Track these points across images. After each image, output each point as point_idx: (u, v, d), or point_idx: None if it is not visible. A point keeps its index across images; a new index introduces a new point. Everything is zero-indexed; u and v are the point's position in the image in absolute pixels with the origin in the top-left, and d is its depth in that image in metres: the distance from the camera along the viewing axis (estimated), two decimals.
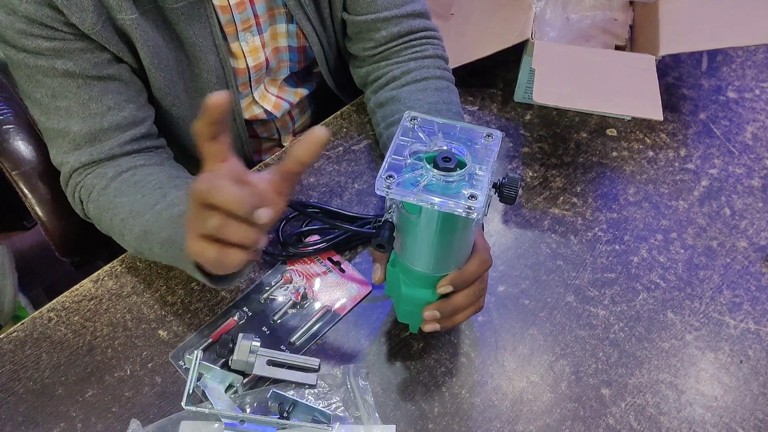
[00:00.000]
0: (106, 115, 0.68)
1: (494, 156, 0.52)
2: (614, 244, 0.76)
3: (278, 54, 0.83)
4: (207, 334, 0.68)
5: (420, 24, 0.81)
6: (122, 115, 0.69)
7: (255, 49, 0.79)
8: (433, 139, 0.53)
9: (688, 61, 0.96)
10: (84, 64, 0.66)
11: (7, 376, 0.66)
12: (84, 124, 0.68)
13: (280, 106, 0.88)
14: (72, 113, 0.68)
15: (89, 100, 0.67)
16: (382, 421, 0.62)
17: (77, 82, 0.67)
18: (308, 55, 0.85)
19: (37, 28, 0.63)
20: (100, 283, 0.72)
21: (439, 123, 0.54)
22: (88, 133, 0.68)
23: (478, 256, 0.60)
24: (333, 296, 0.71)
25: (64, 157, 0.70)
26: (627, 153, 0.85)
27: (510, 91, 0.91)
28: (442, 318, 0.60)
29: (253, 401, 0.63)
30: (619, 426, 0.63)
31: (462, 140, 0.53)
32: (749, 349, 0.68)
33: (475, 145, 0.53)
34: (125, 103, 0.70)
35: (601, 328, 0.70)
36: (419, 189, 0.50)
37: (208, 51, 0.73)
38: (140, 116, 0.72)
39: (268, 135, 0.94)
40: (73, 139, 0.68)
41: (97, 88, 0.68)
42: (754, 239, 0.77)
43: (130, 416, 0.63)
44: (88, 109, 0.68)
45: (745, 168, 0.84)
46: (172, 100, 0.75)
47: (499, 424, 0.63)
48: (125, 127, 0.70)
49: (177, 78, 0.74)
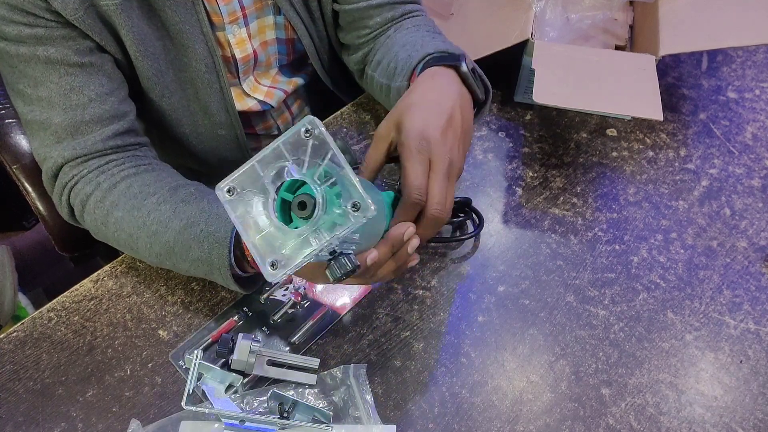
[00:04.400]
0: (88, 107, 0.68)
1: (348, 227, 0.43)
2: (614, 244, 0.76)
3: (267, 47, 0.83)
4: (207, 334, 0.68)
5: (411, 7, 0.82)
6: (104, 108, 0.69)
7: (242, 41, 0.79)
8: (312, 165, 0.44)
9: (688, 61, 0.96)
10: (65, 51, 0.66)
11: (7, 376, 0.66)
12: (65, 115, 0.67)
13: (273, 94, 0.88)
14: (53, 104, 0.67)
15: (71, 90, 0.67)
16: (382, 421, 0.62)
17: (59, 71, 0.66)
18: (297, 47, 0.85)
19: (18, 14, 0.63)
20: (100, 283, 0.72)
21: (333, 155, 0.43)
22: (70, 125, 0.67)
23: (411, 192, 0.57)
24: (333, 296, 0.71)
25: (46, 151, 0.69)
26: (627, 153, 0.85)
27: (510, 91, 0.91)
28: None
29: (253, 401, 0.63)
30: (619, 426, 0.63)
31: (337, 190, 0.44)
32: (749, 349, 0.68)
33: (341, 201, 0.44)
34: (107, 95, 0.69)
35: (601, 328, 0.70)
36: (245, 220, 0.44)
37: (195, 39, 0.73)
38: (122, 110, 0.71)
39: (267, 132, 0.94)
40: (55, 131, 0.68)
41: (79, 77, 0.67)
42: (754, 239, 0.77)
43: (130, 416, 0.63)
44: (70, 99, 0.67)
45: (745, 168, 0.84)
46: (162, 90, 0.75)
47: (499, 424, 0.63)
48: (107, 121, 0.69)
49: (165, 67, 0.74)
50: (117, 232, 0.67)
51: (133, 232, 0.66)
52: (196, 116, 0.80)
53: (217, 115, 0.80)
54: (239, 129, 0.84)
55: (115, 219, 0.67)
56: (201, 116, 0.80)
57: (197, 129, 0.82)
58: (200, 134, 0.82)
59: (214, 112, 0.80)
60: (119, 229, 0.67)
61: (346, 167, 0.43)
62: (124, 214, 0.66)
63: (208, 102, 0.79)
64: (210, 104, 0.79)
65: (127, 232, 0.66)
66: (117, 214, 0.67)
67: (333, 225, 0.43)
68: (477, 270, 0.74)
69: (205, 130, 0.82)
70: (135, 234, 0.66)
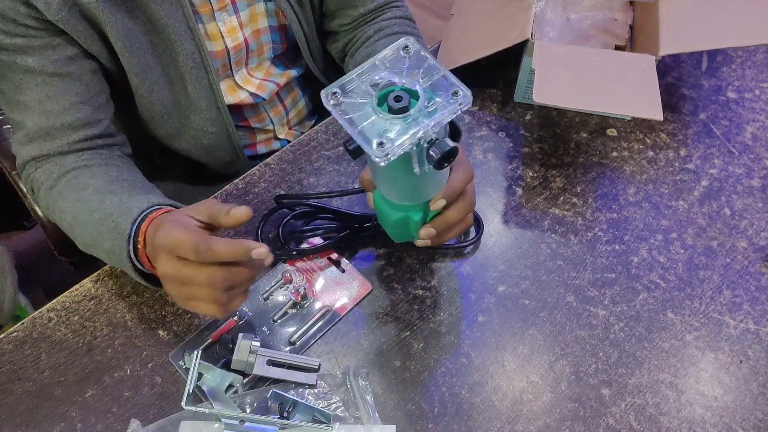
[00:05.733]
0: (60, 115, 0.70)
1: (447, 112, 0.50)
2: (614, 244, 0.76)
3: (259, 36, 0.83)
4: (207, 334, 0.68)
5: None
6: (77, 116, 0.71)
7: (233, 29, 0.79)
8: (409, 75, 0.51)
9: (688, 61, 0.96)
10: (44, 60, 0.67)
11: (6, 376, 0.66)
12: (39, 120, 0.70)
13: (265, 87, 0.88)
14: (30, 109, 0.69)
15: (47, 98, 0.69)
16: (382, 421, 0.62)
17: (36, 80, 0.68)
18: (289, 34, 0.86)
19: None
20: (100, 283, 0.72)
21: (431, 62, 0.52)
22: (41, 129, 0.70)
23: (460, 168, 0.63)
24: (333, 296, 0.71)
25: (18, 148, 0.73)
26: (627, 153, 0.85)
27: (510, 91, 0.91)
28: (437, 235, 0.64)
29: (253, 401, 0.63)
30: (619, 426, 0.63)
31: (434, 86, 0.51)
32: (749, 349, 0.68)
33: (439, 97, 0.51)
34: (81, 104, 0.71)
35: (601, 328, 0.70)
36: (351, 117, 0.50)
37: (182, 34, 0.73)
38: (95, 117, 0.73)
39: (261, 125, 0.94)
40: (27, 133, 0.70)
41: (55, 87, 0.69)
42: (754, 239, 0.77)
43: (130, 416, 0.63)
44: (45, 107, 0.69)
45: (745, 168, 0.84)
46: (150, 85, 0.75)
47: (499, 424, 0.63)
48: (78, 128, 0.72)
49: (153, 62, 0.74)
50: (62, 222, 0.71)
51: (72, 221, 0.69)
52: (185, 111, 0.80)
53: (207, 110, 0.80)
54: (230, 125, 0.85)
55: (59, 209, 0.70)
56: (191, 111, 0.80)
57: (188, 124, 0.82)
58: (191, 129, 0.82)
59: (204, 107, 0.80)
60: (62, 219, 0.70)
61: (444, 69, 0.51)
62: (66, 205, 0.69)
63: (196, 97, 0.79)
64: (199, 100, 0.79)
65: (68, 221, 0.69)
66: (61, 204, 0.70)
67: (432, 114, 0.50)
68: (477, 270, 0.74)
69: (195, 125, 0.82)
70: (72, 223, 0.69)
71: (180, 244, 0.53)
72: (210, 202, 0.60)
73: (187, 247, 0.53)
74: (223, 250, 0.53)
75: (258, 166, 0.83)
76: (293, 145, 0.85)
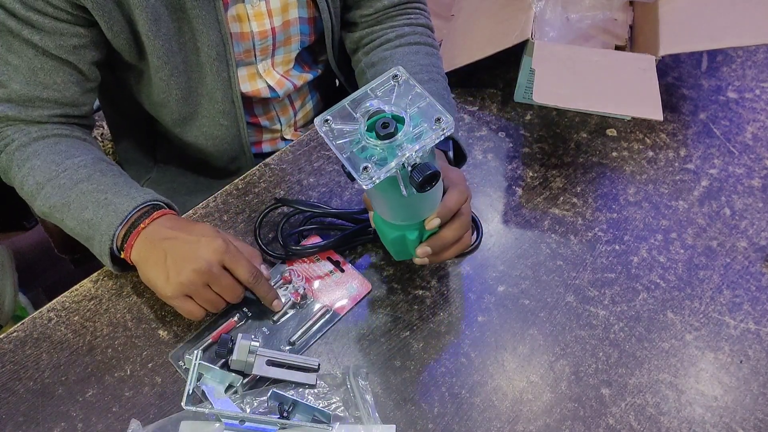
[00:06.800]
0: (48, 89, 0.71)
1: (429, 138, 0.52)
2: (614, 244, 0.76)
3: (289, 27, 0.83)
4: (207, 334, 0.68)
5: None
6: (64, 94, 0.72)
7: (260, 14, 0.79)
8: (397, 102, 0.54)
9: (688, 61, 0.96)
10: (49, 43, 0.68)
11: (7, 376, 0.66)
12: (26, 87, 0.70)
13: (284, 84, 0.88)
14: (19, 72, 0.69)
15: (40, 69, 0.69)
16: (382, 421, 0.62)
17: (35, 52, 0.69)
18: (318, 26, 0.86)
19: None
20: (100, 283, 0.72)
21: (418, 90, 0.55)
22: (25, 95, 0.70)
23: (456, 189, 0.64)
24: (333, 296, 0.71)
25: None
26: (627, 153, 0.85)
27: (510, 91, 0.91)
28: (433, 254, 0.65)
29: (253, 401, 0.63)
30: (619, 426, 0.63)
31: (421, 113, 0.54)
32: (749, 349, 0.68)
33: (425, 122, 0.53)
34: (72, 85, 0.72)
35: (601, 328, 0.70)
36: (341, 142, 0.53)
37: (210, 25, 0.74)
38: (81, 100, 0.74)
39: (269, 124, 0.94)
40: (9, 93, 0.70)
41: (51, 64, 0.70)
42: (754, 239, 0.77)
43: (130, 416, 0.63)
44: (36, 76, 0.70)
45: (745, 168, 0.84)
46: (171, 69, 0.76)
47: (499, 424, 0.63)
48: (62, 104, 0.73)
49: (177, 48, 0.75)
50: (26, 177, 0.71)
51: (42, 180, 0.69)
52: (200, 99, 0.81)
53: (221, 103, 0.81)
54: (242, 120, 0.85)
55: (30, 166, 0.70)
56: (205, 101, 0.81)
57: (200, 112, 0.82)
58: (203, 117, 0.82)
59: (219, 99, 0.80)
60: (30, 175, 0.70)
61: (429, 98, 0.54)
62: (41, 164, 0.70)
63: (213, 88, 0.79)
64: (215, 91, 0.79)
65: (37, 180, 0.70)
66: (35, 161, 0.70)
67: (417, 139, 0.52)
68: (477, 270, 0.74)
69: (207, 114, 0.82)
70: (42, 183, 0.69)
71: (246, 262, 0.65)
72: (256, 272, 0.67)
73: (248, 268, 0.65)
74: (262, 288, 0.67)
75: (258, 165, 0.83)
76: (293, 145, 0.85)
